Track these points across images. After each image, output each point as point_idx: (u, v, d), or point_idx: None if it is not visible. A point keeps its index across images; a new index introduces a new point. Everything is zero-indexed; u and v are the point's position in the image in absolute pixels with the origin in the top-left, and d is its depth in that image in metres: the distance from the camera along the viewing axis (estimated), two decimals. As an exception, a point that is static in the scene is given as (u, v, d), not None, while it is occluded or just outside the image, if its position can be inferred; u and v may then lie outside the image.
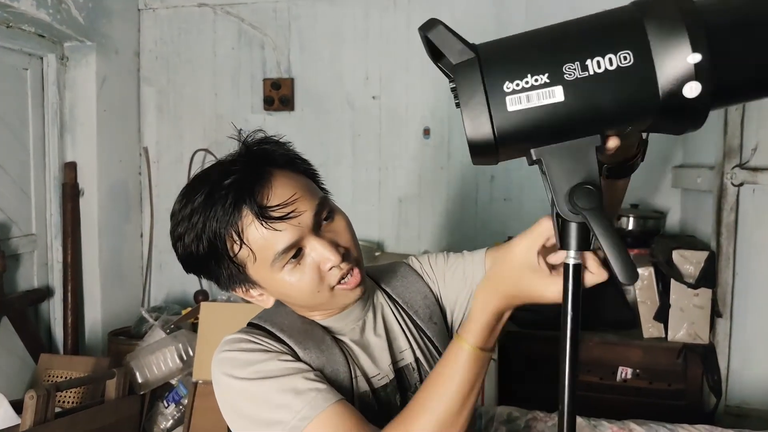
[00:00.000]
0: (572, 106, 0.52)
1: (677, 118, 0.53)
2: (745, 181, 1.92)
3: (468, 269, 0.94)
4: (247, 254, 0.75)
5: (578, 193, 0.55)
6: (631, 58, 0.51)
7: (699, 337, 1.95)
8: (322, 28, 2.82)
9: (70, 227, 2.67)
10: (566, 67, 0.52)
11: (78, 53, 2.69)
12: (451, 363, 0.72)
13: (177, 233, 0.78)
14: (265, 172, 0.76)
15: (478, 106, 0.54)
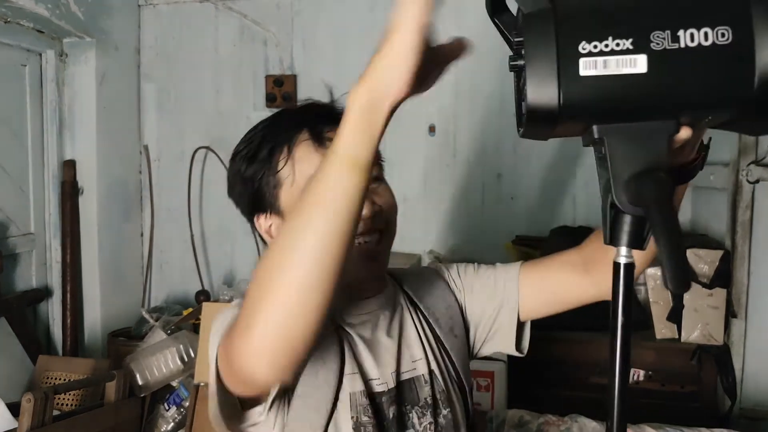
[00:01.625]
0: (654, 81, 0.46)
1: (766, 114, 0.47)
2: (761, 178, 1.88)
3: (500, 282, 0.90)
4: (288, 173, 0.78)
5: (646, 181, 0.47)
6: (729, 35, 0.44)
7: (713, 338, 1.90)
8: (326, 23, 2.78)
9: (69, 226, 2.62)
10: (655, 35, 0.45)
11: (77, 49, 2.65)
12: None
13: (235, 151, 0.84)
14: (331, 118, 0.80)
15: (547, 66, 0.47)
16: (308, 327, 0.55)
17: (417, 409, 0.81)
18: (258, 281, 0.57)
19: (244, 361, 0.57)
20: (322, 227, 0.54)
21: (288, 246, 0.55)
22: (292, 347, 0.55)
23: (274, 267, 0.55)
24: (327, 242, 0.54)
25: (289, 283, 0.54)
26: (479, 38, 2.48)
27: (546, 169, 2.55)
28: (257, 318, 0.55)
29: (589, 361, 1.98)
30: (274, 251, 0.57)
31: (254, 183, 0.80)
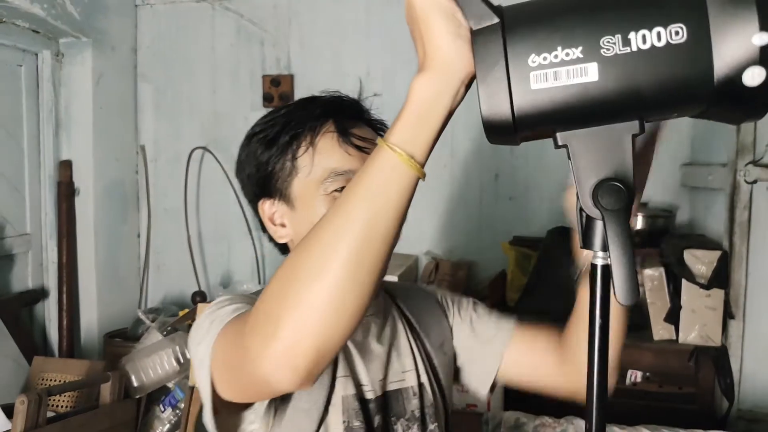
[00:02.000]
0: (607, 88, 0.45)
1: (734, 107, 0.46)
2: (759, 179, 1.87)
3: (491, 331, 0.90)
4: (306, 163, 0.76)
5: (603, 190, 0.47)
6: (684, 33, 0.43)
7: (711, 339, 1.89)
8: (323, 23, 2.77)
9: (65, 227, 2.61)
10: (604, 41, 0.45)
11: (73, 49, 2.64)
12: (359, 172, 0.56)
13: (251, 132, 0.81)
14: (357, 115, 0.81)
15: (497, 81, 0.47)
16: (345, 332, 0.52)
17: (403, 421, 0.79)
18: (290, 281, 0.52)
19: (265, 367, 0.53)
20: (366, 224, 0.50)
21: (329, 242, 0.51)
22: (324, 353, 0.52)
23: (313, 266, 0.51)
24: (371, 241, 0.50)
25: (329, 285, 0.50)
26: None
27: (543, 169, 2.54)
28: (286, 321, 0.51)
29: (586, 362, 1.97)
30: (308, 247, 0.52)
31: (268, 167, 0.78)
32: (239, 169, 0.83)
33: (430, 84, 0.51)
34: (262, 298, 0.55)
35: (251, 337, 0.54)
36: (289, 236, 0.80)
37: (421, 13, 0.51)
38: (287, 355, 0.51)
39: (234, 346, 0.60)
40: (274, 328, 0.52)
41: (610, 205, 0.47)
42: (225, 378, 0.62)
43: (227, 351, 0.61)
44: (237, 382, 0.61)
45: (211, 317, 0.68)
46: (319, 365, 0.53)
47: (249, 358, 0.54)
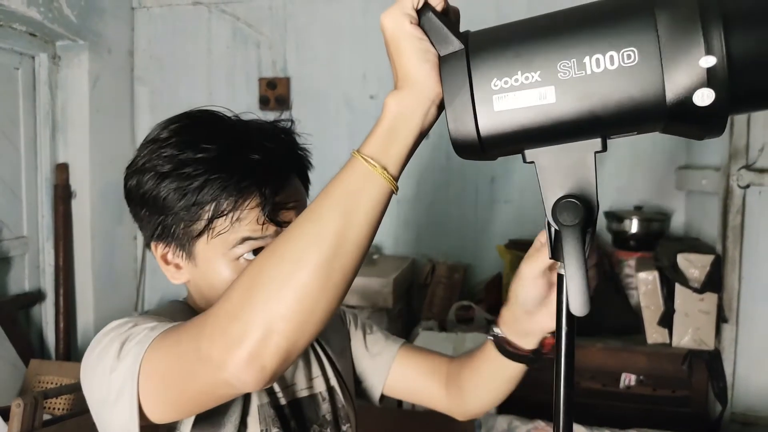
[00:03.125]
0: (565, 110, 0.47)
1: (689, 125, 0.47)
2: (752, 183, 1.88)
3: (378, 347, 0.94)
4: (220, 227, 0.69)
5: (561, 206, 0.49)
6: (635, 57, 0.45)
7: (704, 343, 1.90)
8: (319, 26, 2.77)
9: (62, 230, 2.62)
10: (561, 65, 0.47)
11: (70, 52, 2.64)
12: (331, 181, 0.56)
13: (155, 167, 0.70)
14: (289, 173, 0.74)
15: (463, 104, 0.49)
16: (312, 334, 0.53)
17: (315, 427, 0.80)
18: (257, 289, 0.52)
19: (230, 370, 0.52)
20: (337, 234, 0.51)
21: (300, 252, 0.52)
22: (291, 354, 0.53)
23: (279, 271, 0.52)
24: (342, 251, 0.51)
25: (299, 293, 0.51)
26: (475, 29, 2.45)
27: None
28: (254, 325, 0.51)
29: (580, 366, 1.97)
30: (279, 253, 0.53)
31: (176, 218, 0.70)
32: (134, 199, 0.74)
33: (401, 101, 0.53)
34: (223, 303, 0.54)
35: (212, 342, 0.53)
36: (184, 279, 0.75)
37: (392, 40, 0.54)
38: (255, 357, 0.51)
39: (178, 355, 0.57)
40: (241, 331, 0.51)
41: (567, 220, 0.49)
42: (163, 396, 0.59)
43: (167, 366, 0.58)
44: (181, 395, 0.59)
45: (118, 340, 0.62)
46: (285, 366, 0.54)
47: (209, 363, 0.53)
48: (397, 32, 0.53)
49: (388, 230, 2.76)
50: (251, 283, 0.53)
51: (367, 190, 0.52)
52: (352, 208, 0.52)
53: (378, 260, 2.63)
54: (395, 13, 0.54)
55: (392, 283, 2.31)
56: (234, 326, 0.52)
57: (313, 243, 0.52)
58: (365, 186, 0.52)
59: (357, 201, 0.52)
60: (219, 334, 0.53)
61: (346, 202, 0.53)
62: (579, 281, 0.48)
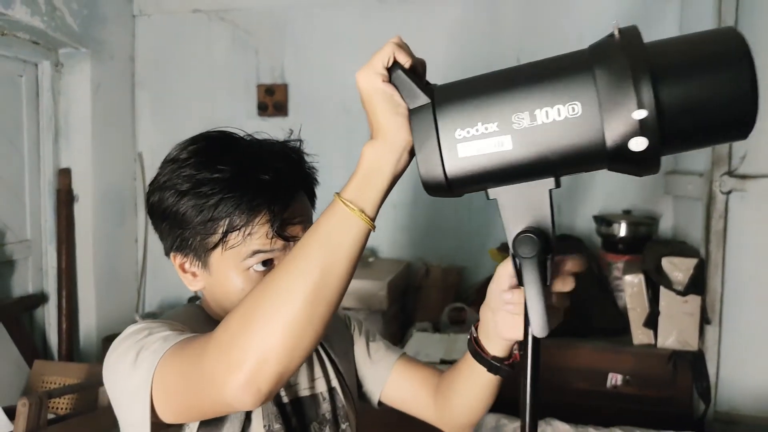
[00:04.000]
0: (521, 155, 0.54)
1: (628, 167, 0.53)
2: (734, 189, 1.93)
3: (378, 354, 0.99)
4: (233, 241, 0.76)
5: (519, 240, 0.56)
6: (579, 109, 0.51)
7: (688, 344, 1.95)
8: (317, 33, 2.83)
9: (64, 233, 2.68)
10: (515, 117, 0.53)
11: (72, 59, 2.70)
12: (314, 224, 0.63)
13: (175, 185, 0.77)
14: (297, 191, 0.81)
15: (431, 151, 0.56)
16: (302, 358, 0.60)
17: (315, 424, 0.87)
18: (252, 320, 0.59)
19: (230, 391, 0.58)
20: (321, 268, 0.58)
21: (287, 286, 0.58)
22: (284, 376, 0.59)
23: (272, 307, 0.58)
24: (326, 283, 0.58)
25: (288, 324, 0.57)
26: (467, 54, 2.57)
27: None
28: (250, 352, 0.57)
29: (566, 366, 2.03)
30: (271, 287, 0.59)
31: (193, 232, 0.77)
32: (156, 214, 0.81)
33: (375, 150, 0.60)
34: (226, 328, 0.61)
35: (214, 365, 0.60)
36: (200, 286, 0.82)
37: (366, 96, 0.60)
38: (252, 380, 0.58)
39: (185, 373, 0.63)
40: (240, 358, 0.58)
41: (525, 253, 0.55)
42: (173, 404, 0.66)
43: (178, 380, 0.64)
44: (192, 405, 0.65)
45: (135, 348, 0.69)
46: (278, 387, 0.60)
47: (212, 384, 0.60)
48: (371, 90, 0.59)
49: (384, 234, 2.82)
50: (247, 313, 0.60)
51: (347, 230, 0.59)
52: (334, 246, 0.59)
53: (374, 263, 2.69)
54: (368, 72, 0.60)
55: (387, 286, 2.37)
56: (233, 353, 0.59)
57: (300, 278, 0.58)
58: (345, 227, 0.59)
59: (338, 240, 0.59)
60: (220, 359, 0.60)
61: (328, 241, 0.59)
62: (537, 306, 0.55)
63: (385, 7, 2.74)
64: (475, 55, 2.66)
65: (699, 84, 0.49)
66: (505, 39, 2.63)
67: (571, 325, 2.11)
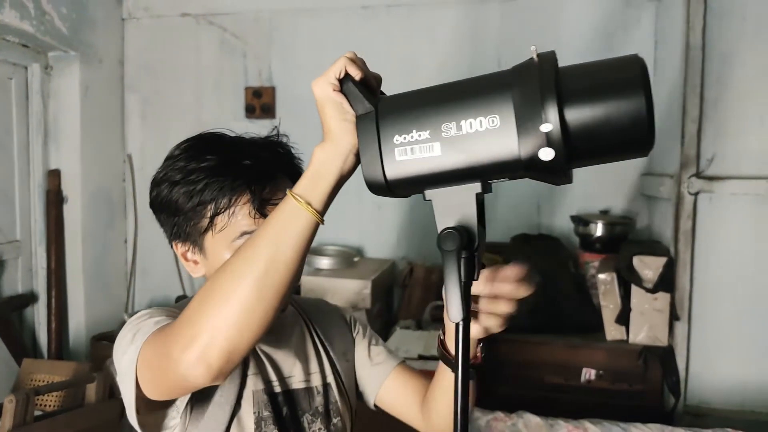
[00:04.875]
0: (448, 160, 0.60)
1: (542, 175, 0.59)
2: (702, 190, 2.00)
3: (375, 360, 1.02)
4: (221, 223, 0.83)
5: (442, 236, 0.61)
6: (497, 121, 0.58)
7: (658, 340, 2.02)
8: (303, 37, 2.89)
9: (54, 234, 2.72)
10: (444, 126, 0.60)
11: (62, 63, 2.75)
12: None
13: (169, 177, 0.85)
14: (276, 173, 0.87)
15: (373, 154, 0.62)
16: (251, 339, 0.65)
17: (308, 416, 0.92)
18: (207, 301, 0.65)
19: (184, 366, 0.65)
20: (270, 255, 0.63)
21: (239, 271, 0.64)
22: (233, 355, 0.65)
23: (225, 289, 0.64)
24: (274, 269, 0.63)
25: (237, 305, 0.63)
26: (449, 59, 2.66)
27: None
28: (203, 332, 0.64)
29: (542, 361, 2.10)
30: (223, 273, 0.65)
31: (186, 217, 0.85)
32: (156, 206, 0.89)
33: (324, 152, 0.66)
34: (185, 312, 0.67)
35: (173, 343, 0.67)
36: (201, 272, 0.90)
37: (319, 103, 0.67)
38: (203, 356, 0.64)
39: (158, 352, 0.70)
40: (192, 335, 0.65)
41: (445, 246, 0.61)
42: (150, 380, 0.73)
43: (152, 357, 0.71)
44: (161, 382, 0.72)
45: (134, 330, 0.78)
46: (229, 365, 0.66)
47: (169, 360, 0.67)
48: (323, 97, 0.66)
49: (369, 234, 2.88)
50: (204, 295, 0.67)
51: (295, 221, 0.65)
52: (281, 235, 0.65)
53: (358, 263, 2.74)
54: (322, 81, 0.67)
55: (371, 285, 2.43)
56: (188, 331, 0.66)
57: (250, 264, 0.65)
58: (293, 218, 0.65)
59: (286, 230, 0.65)
60: (177, 337, 0.67)
61: (277, 230, 0.65)
62: (453, 294, 0.61)
63: (369, 14, 2.80)
64: (457, 60, 2.72)
65: (600, 106, 0.55)
66: (486, 45, 2.69)
67: (547, 321, 2.17)
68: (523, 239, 2.42)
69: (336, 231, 2.87)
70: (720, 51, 2.03)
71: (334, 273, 2.56)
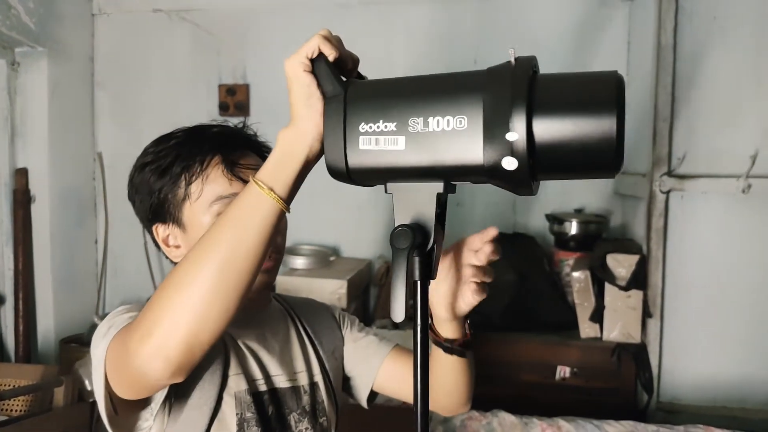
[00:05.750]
0: (411, 157, 0.58)
1: (503, 183, 0.58)
2: (673, 189, 2.02)
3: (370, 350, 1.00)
4: (196, 190, 0.83)
5: (395, 233, 0.59)
6: (465, 123, 0.56)
7: (631, 337, 2.04)
8: (278, 34, 2.85)
9: (21, 234, 2.65)
10: (411, 120, 0.58)
11: (29, 58, 2.67)
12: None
13: (140, 163, 0.87)
14: (241, 144, 0.88)
15: (337, 139, 0.60)
16: (212, 330, 0.62)
17: (294, 414, 0.90)
18: (167, 289, 0.63)
19: (141, 359, 0.62)
20: (231, 242, 0.62)
21: (200, 258, 0.62)
22: (193, 347, 0.62)
23: (186, 276, 0.62)
24: (235, 257, 0.61)
25: (198, 292, 0.61)
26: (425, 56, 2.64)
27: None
28: (162, 322, 0.61)
29: (517, 359, 2.10)
30: (184, 261, 0.63)
31: (161, 194, 0.85)
32: (133, 195, 0.89)
33: (287, 135, 0.64)
34: (147, 303, 0.65)
35: (131, 335, 0.64)
36: (183, 256, 0.86)
37: (288, 83, 0.64)
38: (161, 348, 0.61)
39: (121, 347, 0.67)
40: (150, 325, 0.62)
41: (397, 244, 0.59)
42: (116, 376, 0.70)
43: (117, 353, 0.69)
44: (123, 378, 0.69)
45: (109, 323, 0.76)
46: (190, 359, 0.63)
47: (127, 353, 0.64)
48: (292, 77, 0.63)
49: (346, 233, 2.86)
50: (165, 284, 0.64)
51: (257, 207, 0.63)
52: (244, 222, 0.63)
53: (334, 262, 2.72)
54: (293, 60, 0.64)
55: (347, 284, 2.41)
56: (146, 321, 0.63)
57: (211, 250, 0.63)
58: (255, 204, 0.63)
59: (248, 217, 0.63)
60: (136, 330, 0.64)
61: (239, 216, 0.63)
62: (398, 293, 0.59)
63: (345, 11, 2.78)
64: (433, 58, 2.71)
65: (570, 121, 0.53)
66: (462, 42, 2.69)
67: (522, 320, 2.18)
68: (498, 238, 2.42)
69: (312, 230, 2.84)
70: (691, 51, 2.06)
71: (310, 273, 2.54)
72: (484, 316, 2.14)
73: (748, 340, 2.08)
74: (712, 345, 2.09)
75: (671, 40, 2.02)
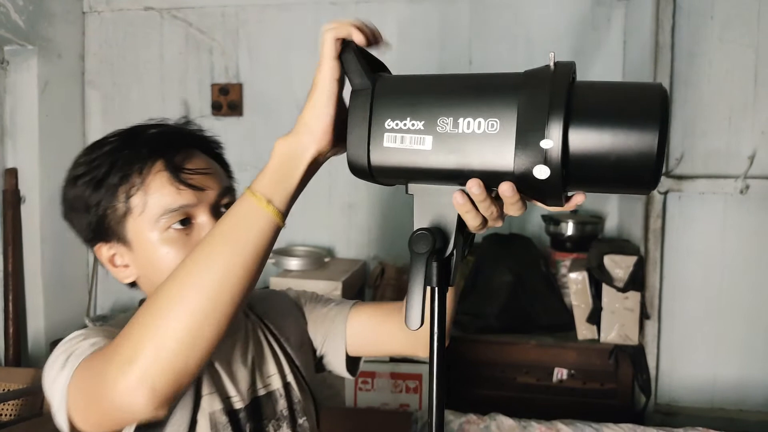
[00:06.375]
0: (437, 158, 0.55)
1: (533, 193, 0.55)
2: (671, 189, 2.01)
3: (330, 314, 0.95)
4: (138, 202, 0.74)
5: (415, 237, 0.56)
6: (497, 126, 0.53)
7: (629, 338, 2.02)
8: (271, 33, 2.82)
9: (11, 235, 2.60)
10: (440, 120, 0.55)
11: (18, 57, 2.63)
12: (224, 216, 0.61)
13: (71, 175, 0.77)
14: (185, 144, 0.79)
15: (361, 134, 0.57)
16: (202, 356, 0.56)
17: (273, 422, 0.84)
18: (150, 311, 0.56)
19: (121, 390, 0.55)
20: (226, 261, 0.56)
21: (189, 277, 0.56)
22: (182, 375, 0.56)
23: (174, 298, 0.55)
24: (230, 277, 0.56)
25: (187, 315, 0.55)
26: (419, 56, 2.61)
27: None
28: (145, 348, 0.54)
29: (514, 362, 2.09)
30: (173, 279, 0.57)
31: (99, 210, 0.75)
32: (68, 212, 0.79)
33: (288, 144, 0.60)
34: (126, 327, 0.58)
35: (109, 364, 0.57)
36: (133, 275, 0.79)
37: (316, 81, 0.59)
38: (144, 377, 0.54)
39: (92, 378, 0.60)
40: (132, 353, 0.55)
41: (417, 249, 0.56)
42: (83, 410, 0.62)
43: (86, 384, 0.61)
44: (95, 412, 0.61)
45: (66, 353, 0.67)
46: (177, 389, 0.57)
47: (106, 385, 0.56)
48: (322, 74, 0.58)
49: (340, 234, 2.83)
50: (148, 306, 0.58)
51: (253, 221, 0.58)
52: (239, 237, 0.58)
53: (329, 263, 2.70)
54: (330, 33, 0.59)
55: (342, 286, 2.38)
56: (128, 348, 0.56)
57: (203, 269, 0.57)
58: (251, 217, 0.58)
59: (243, 231, 0.58)
60: (114, 355, 0.57)
61: (234, 232, 0.58)
62: (415, 300, 0.56)
63: (338, 9, 2.75)
64: (426, 58, 2.69)
65: (609, 134, 0.50)
66: (456, 41, 2.67)
67: (519, 321, 2.16)
68: (494, 239, 2.40)
69: (306, 231, 2.82)
70: (689, 50, 2.04)
71: (304, 274, 2.51)
72: (480, 318, 2.12)
73: (745, 341, 2.07)
74: (709, 347, 2.08)
75: (669, 39, 2.01)
